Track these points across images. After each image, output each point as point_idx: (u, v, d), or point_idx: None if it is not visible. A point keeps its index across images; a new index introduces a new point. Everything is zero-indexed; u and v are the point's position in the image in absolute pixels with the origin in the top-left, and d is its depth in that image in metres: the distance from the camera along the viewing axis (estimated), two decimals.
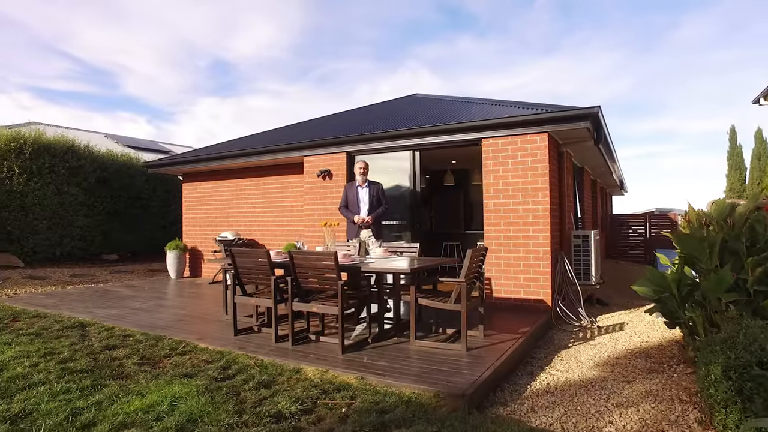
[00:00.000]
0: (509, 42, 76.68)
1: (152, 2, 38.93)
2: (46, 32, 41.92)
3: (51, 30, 42.02)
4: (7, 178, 9.47)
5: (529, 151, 5.80)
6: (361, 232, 5.93)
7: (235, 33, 59.14)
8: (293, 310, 4.21)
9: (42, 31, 40.58)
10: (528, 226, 5.79)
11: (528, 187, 5.80)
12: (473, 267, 4.10)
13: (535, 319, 5.13)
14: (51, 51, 47.72)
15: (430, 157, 9.93)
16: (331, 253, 3.91)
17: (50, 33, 42.43)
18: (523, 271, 5.80)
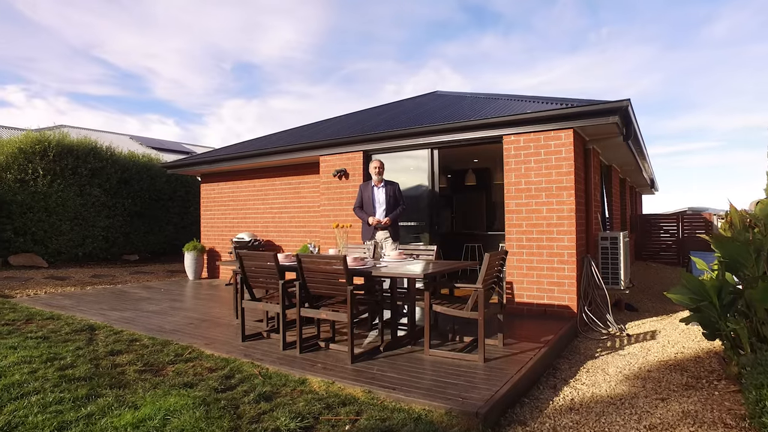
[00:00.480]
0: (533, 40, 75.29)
1: (179, 7, 39.71)
2: (80, 39, 43.26)
3: (85, 37, 43.34)
4: (32, 179, 9.64)
5: (553, 148, 5.48)
6: (376, 234, 5.72)
7: (259, 35, 59.86)
8: (302, 316, 4.02)
9: (76, 38, 41.91)
10: (552, 227, 5.46)
11: (552, 186, 5.47)
12: (491, 272, 3.83)
13: (559, 327, 4.81)
14: (85, 57, 49.25)
15: (451, 156, 9.67)
16: (339, 257, 3.71)
17: (84, 40, 43.78)
18: (547, 275, 5.48)
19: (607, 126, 5.30)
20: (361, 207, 5.87)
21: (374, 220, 5.58)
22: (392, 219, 5.64)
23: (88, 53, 47.75)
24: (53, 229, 9.87)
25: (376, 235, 5.72)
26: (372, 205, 5.75)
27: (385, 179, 5.90)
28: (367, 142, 6.97)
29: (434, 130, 6.22)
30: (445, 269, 4.02)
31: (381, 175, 5.80)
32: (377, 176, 5.77)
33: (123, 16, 40.01)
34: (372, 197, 5.78)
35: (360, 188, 5.97)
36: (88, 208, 10.42)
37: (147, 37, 45.84)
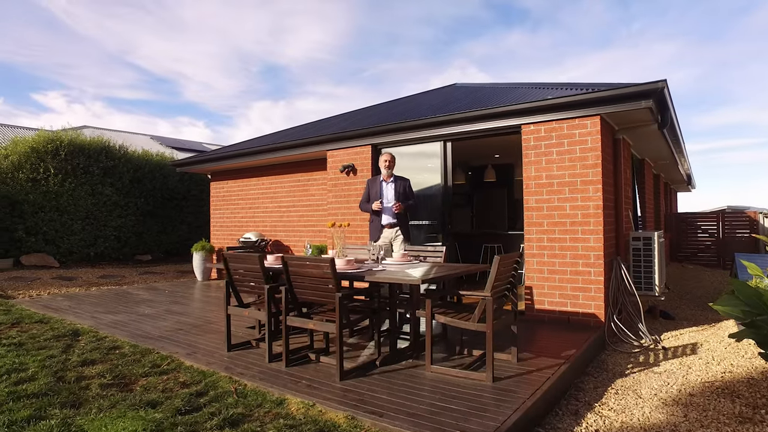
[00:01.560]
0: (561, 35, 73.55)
1: (208, 12, 40.30)
2: (114, 45, 44.47)
3: (119, 43, 44.56)
4: (44, 179, 9.57)
5: (577, 138, 4.90)
6: (384, 232, 5.27)
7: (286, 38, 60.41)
8: (288, 325, 3.60)
9: (111, 45, 43.13)
10: (576, 226, 4.89)
11: (576, 180, 4.90)
12: (502, 278, 3.32)
13: (584, 338, 4.24)
14: (119, 62, 50.72)
15: (469, 151, 9.12)
16: (325, 259, 3.26)
17: (118, 46, 45.02)
18: (571, 279, 4.90)
19: (640, 112, 4.70)
20: (368, 202, 5.42)
21: (377, 206, 5.15)
22: (404, 206, 5.18)
23: (123, 59, 49.22)
24: (65, 228, 9.80)
25: (386, 234, 5.27)
26: (380, 201, 5.31)
27: (396, 174, 5.45)
28: (375, 135, 6.51)
29: (446, 121, 5.72)
30: (449, 274, 3.53)
31: (391, 170, 5.35)
32: (387, 170, 5.32)
33: (154, 22, 40.96)
34: (380, 193, 5.33)
35: (367, 183, 5.52)
36: (99, 208, 10.32)
37: (177, 42, 46.84)
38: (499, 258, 3.15)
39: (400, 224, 5.25)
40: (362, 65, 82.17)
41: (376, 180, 5.42)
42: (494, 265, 3.15)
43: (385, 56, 78.66)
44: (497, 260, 3.14)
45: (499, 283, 3.29)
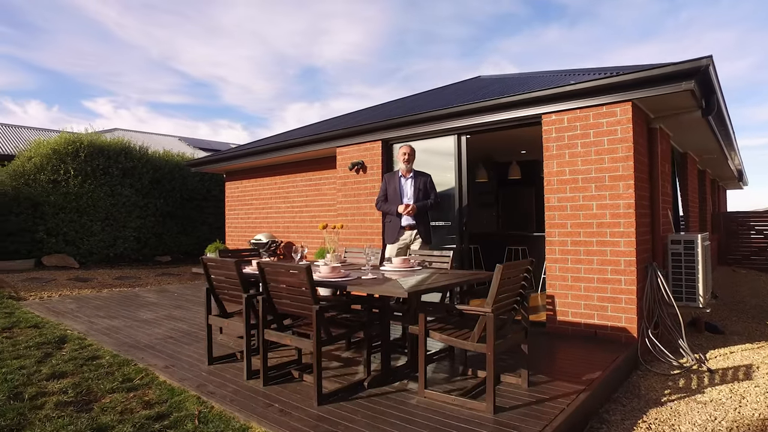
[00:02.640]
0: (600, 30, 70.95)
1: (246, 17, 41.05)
2: (157, 52, 46.05)
3: (161, 49, 46.10)
4: (64, 180, 9.65)
5: (605, 127, 4.31)
6: (402, 234, 4.81)
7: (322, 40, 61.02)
8: (264, 339, 3.22)
9: (155, 52, 44.67)
10: (604, 227, 4.30)
11: (604, 176, 4.31)
12: (508, 289, 2.82)
13: (612, 357, 3.67)
14: (162, 68, 52.53)
15: (493, 147, 8.55)
16: (300, 267, 2.86)
17: (160, 52, 46.60)
18: (598, 288, 4.31)
19: (679, 96, 4.06)
20: (385, 201, 4.98)
21: (404, 208, 4.67)
22: (419, 208, 4.72)
23: (165, 65, 51.01)
24: (84, 229, 9.85)
25: (405, 236, 4.82)
26: (400, 199, 4.85)
27: (416, 169, 4.99)
28: (385, 129, 6.08)
29: (459, 113, 5.22)
30: (450, 283, 3.06)
31: (410, 164, 4.90)
32: (406, 164, 4.88)
33: (194, 28, 42.17)
34: (400, 190, 4.88)
35: (384, 179, 5.08)
36: (119, 209, 10.34)
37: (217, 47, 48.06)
38: (502, 267, 2.65)
39: (419, 225, 4.77)
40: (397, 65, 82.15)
41: (394, 175, 4.97)
42: (496, 275, 2.66)
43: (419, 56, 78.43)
44: (499, 270, 2.65)
45: (504, 296, 2.79)
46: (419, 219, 4.77)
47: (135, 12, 41.79)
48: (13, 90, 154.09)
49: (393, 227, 4.85)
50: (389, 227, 4.91)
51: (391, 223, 4.88)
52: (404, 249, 4.85)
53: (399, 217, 4.79)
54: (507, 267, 2.72)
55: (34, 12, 40.79)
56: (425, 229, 4.82)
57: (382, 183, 5.06)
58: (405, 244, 4.81)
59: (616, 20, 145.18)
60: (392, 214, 4.84)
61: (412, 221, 4.76)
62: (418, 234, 4.76)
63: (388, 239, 4.90)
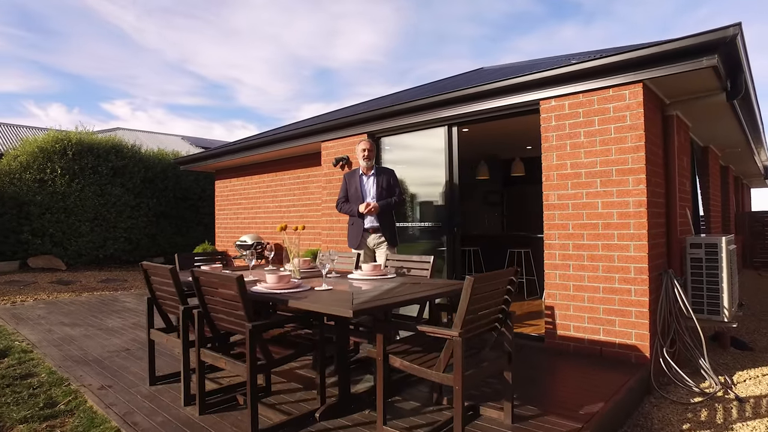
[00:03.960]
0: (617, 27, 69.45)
1: (261, 19, 41.08)
2: (174, 55, 46.48)
3: (179, 52, 46.50)
4: (50, 179, 9.34)
5: (611, 114, 3.74)
6: (366, 237, 4.34)
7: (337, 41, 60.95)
8: (201, 360, 2.73)
9: (172, 55, 45.09)
10: (611, 229, 3.72)
11: (611, 170, 3.73)
12: (483, 307, 2.29)
13: (620, 381, 3.10)
14: (179, 71, 53.06)
15: (496, 142, 7.98)
16: (230, 277, 2.36)
17: (178, 55, 47.01)
18: (604, 299, 3.74)
19: (700, 75, 3.48)
20: (346, 201, 4.52)
21: (366, 207, 4.20)
22: (382, 207, 4.24)
23: (181, 67, 51.52)
24: (72, 230, 9.53)
25: (368, 240, 4.35)
26: (361, 198, 4.39)
27: (378, 166, 4.54)
28: (371, 122, 5.57)
29: (448, 101, 4.69)
30: (414, 298, 2.53)
31: (371, 161, 4.42)
32: (366, 161, 4.41)
33: (211, 30, 42.44)
34: (361, 188, 4.42)
35: (344, 178, 4.60)
36: (108, 209, 10.01)
37: (233, 49, 48.28)
38: (473, 280, 2.11)
39: (383, 227, 4.29)
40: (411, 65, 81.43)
41: (355, 174, 4.50)
42: (465, 290, 2.13)
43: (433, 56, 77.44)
44: (469, 284, 2.11)
45: (477, 316, 2.25)
46: (383, 220, 4.28)
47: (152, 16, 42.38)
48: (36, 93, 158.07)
49: (356, 230, 4.36)
50: (352, 230, 4.43)
51: (354, 226, 4.40)
52: (371, 255, 4.36)
53: (361, 218, 4.30)
54: (480, 280, 2.18)
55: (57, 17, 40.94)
56: (390, 230, 4.32)
57: (342, 182, 4.59)
58: (371, 248, 4.33)
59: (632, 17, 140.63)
60: (354, 215, 4.37)
61: (376, 223, 4.27)
62: (383, 236, 4.26)
63: (351, 243, 4.42)
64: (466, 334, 2.16)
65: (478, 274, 2.17)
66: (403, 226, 5.52)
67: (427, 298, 2.62)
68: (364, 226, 4.33)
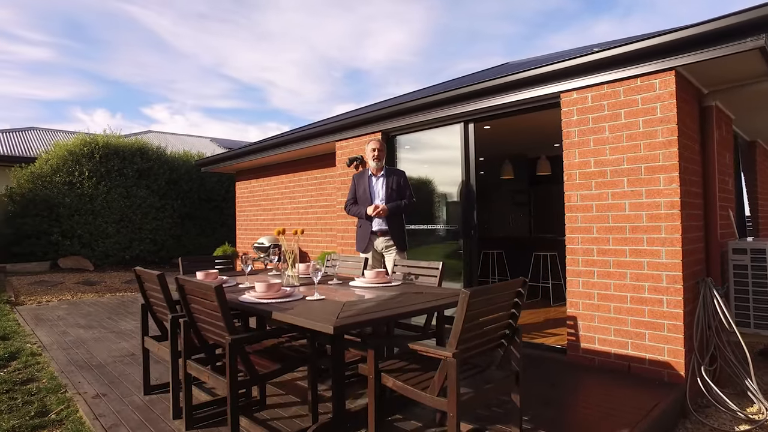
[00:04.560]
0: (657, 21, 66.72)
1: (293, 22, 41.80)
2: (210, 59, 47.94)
3: (214, 57, 47.96)
4: (78, 182, 9.56)
5: (640, 105, 3.39)
6: (374, 241, 4.15)
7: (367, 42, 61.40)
8: (186, 372, 2.58)
9: (207, 59, 46.53)
10: (639, 232, 3.37)
11: (639, 168, 3.38)
12: (483, 323, 2.03)
13: (651, 402, 2.77)
14: (214, 74, 54.75)
15: (521, 140, 7.62)
16: (208, 286, 2.20)
17: (213, 59, 48.46)
18: (632, 310, 3.39)
19: (743, 59, 3.09)
20: (355, 203, 4.33)
21: (374, 209, 4.02)
22: (391, 210, 4.04)
23: (217, 71, 53.25)
24: (99, 231, 9.73)
25: (376, 243, 4.15)
26: (370, 200, 4.19)
27: (388, 167, 4.34)
28: (385, 119, 5.36)
29: (463, 95, 4.42)
30: (406, 311, 2.30)
31: (381, 161, 4.23)
32: (376, 162, 4.22)
33: (244, 34, 43.60)
34: (369, 190, 4.23)
35: (353, 179, 4.42)
36: (134, 210, 10.17)
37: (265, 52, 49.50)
38: (468, 294, 1.86)
39: (392, 231, 4.07)
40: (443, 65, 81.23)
41: (363, 175, 4.31)
42: (461, 305, 1.88)
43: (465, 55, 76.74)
44: (465, 300, 1.86)
45: (474, 334, 2.00)
46: (392, 223, 4.07)
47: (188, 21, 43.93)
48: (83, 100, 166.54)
49: (363, 233, 4.17)
50: (359, 233, 4.24)
51: (362, 229, 4.21)
52: (379, 259, 4.15)
53: (369, 220, 4.10)
54: (478, 293, 1.93)
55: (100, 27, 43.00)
56: (400, 234, 4.10)
57: (351, 184, 4.40)
58: (379, 252, 4.13)
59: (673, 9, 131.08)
60: (362, 217, 4.17)
61: (384, 225, 4.06)
62: (392, 240, 4.05)
63: (359, 247, 4.23)
64: (462, 353, 1.92)
65: (476, 287, 1.92)
66: (418, 229, 5.28)
67: (425, 311, 2.38)
68: (372, 229, 4.14)
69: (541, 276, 6.73)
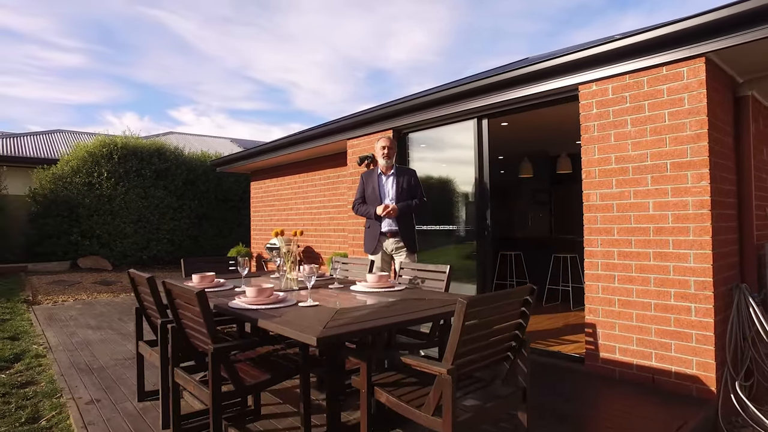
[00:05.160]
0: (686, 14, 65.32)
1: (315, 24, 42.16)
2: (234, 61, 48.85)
3: (238, 59, 48.85)
4: (97, 182, 9.68)
5: (665, 96, 3.12)
6: (383, 242, 3.98)
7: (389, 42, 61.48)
8: (174, 380, 2.46)
9: (231, 61, 47.45)
10: (665, 234, 3.10)
11: (665, 164, 3.12)
12: (484, 336, 1.84)
13: (678, 420, 2.51)
14: (238, 77, 55.75)
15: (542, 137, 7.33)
16: (190, 291, 2.06)
17: (237, 62, 49.36)
18: (656, 318, 3.13)
19: None
20: (363, 202, 4.17)
21: (383, 209, 3.85)
22: (401, 210, 3.86)
23: (241, 73, 54.23)
24: (117, 231, 9.84)
25: (386, 245, 3.98)
26: (379, 200, 4.02)
27: (399, 165, 4.17)
28: (396, 116, 5.18)
29: (476, 89, 4.21)
30: (397, 321, 2.12)
31: (391, 159, 4.06)
32: (386, 160, 4.05)
33: (267, 36, 44.28)
34: (379, 189, 4.06)
35: (361, 178, 4.26)
36: (152, 211, 10.25)
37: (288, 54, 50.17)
38: (465, 305, 1.67)
39: (402, 231, 3.90)
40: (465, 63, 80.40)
41: (373, 173, 4.14)
42: (457, 317, 1.69)
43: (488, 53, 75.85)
44: (462, 309, 1.67)
45: (474, 347, 1.81)
46: (402, 223, 3.89)
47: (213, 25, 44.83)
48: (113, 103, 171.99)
49: (372, 234, 4.00)
50: (368, 234, 4.06)
51: (370, 228, 4.04)
52: (388, 261, 3.97)
53: (379, 220, 3.93)
54: (478, 302, 1.74)
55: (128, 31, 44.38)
56: (410, 235, 3.91)
57: (359, 183, 4.23)
58: (388, 254, 3.95)
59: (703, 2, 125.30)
60: (370, 217, 4.00)
61: (395, 226, 3.88)
62: (402, 241, 3.86)
63: (367, 248, 4.06)
64: (459, 369, 1.72)
65: (475, 296, 1.74)
66: (429, 230, 5.09)
67: (423, 320, 2.18)
68: (381, 230, 3.97)
69: (561, 278, 6.44)
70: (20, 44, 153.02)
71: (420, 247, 5.24)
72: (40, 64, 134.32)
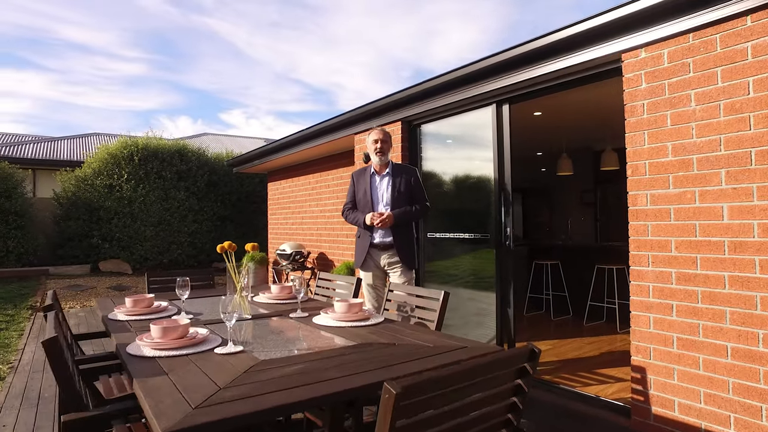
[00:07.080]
0: None
1: (360, 25, 42.27)
2: (282, 65, 49.96)
3: (286, 62, 49.88)
4: (118, 185, 9.54)
5: (750, 58, 2.24)
6: (375, 256, 3.30)
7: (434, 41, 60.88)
8: None
9: (279, 65, 48.57)
10: (747, 251, 2.23)
11: (747, 153, 2.24)
12: (447, 418, 1.11)
13: None
14: (286, 79, 57.01)
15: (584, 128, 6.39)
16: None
17: (285, 65, 50.47)
18: (736, 368, 2.25)
19: None
20: (353, 207, 3.48)
21: (372, 218, 3.16)
22: (397, 218, 3.15)
23: (288, 76, 55.58)
24: (137, 234, 9.66)
25: (378, 259, 3.28)
26: (371, 204, 3.33)
27: (396, 163, 3.46)
28: (406, 105, 4.48)
29: (494, 66, 3.45)
30: (327, 392, 1.41)
31: (385, 156, 3.36)
32: (379, 157, 3.35)
33: (313, 40, 45.05)
34: (371, 191, 3.36)
35: (352, 178, 3.57)
36: (172, 213, 10.02)
37: (333, 56, 50.83)
38: (395, 395, 0.95)
39: (399, 244, 3.18)
40: None
41: (365, 173, 3.44)
42: (383, 411, 0.97)
43: None
44: (390, 400, 0.95)
45: None
46: (399, 234, 3.16)
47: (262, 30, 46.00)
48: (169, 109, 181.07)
49: (362, 245, 3.30)
50: (358, 245, 3.36)
51: (361, 239, 3.33)
52: (382, 278, 3.26)
53: (370, 230, 3.22)
54: (414, 390, 1.01)
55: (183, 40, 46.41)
56: (408, 248, 3.18)
57: (350, 183, 3.53)
58: (380, 270, 3.24)
59: None
60: (360, 226, 3.29)
61: (388, 237, 3.16)
62: (397, 256, 3.14)
63: (357, 262, 3.35)
64: None
65: (412, 381, 1.01)
66: (439, 238, 4.35)
67: (364, 390, 1.46)
68: (373, 241, 3.26)
69: (605, 293, 5.49)
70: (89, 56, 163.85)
71: (427, 259, 4.52)
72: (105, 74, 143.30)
